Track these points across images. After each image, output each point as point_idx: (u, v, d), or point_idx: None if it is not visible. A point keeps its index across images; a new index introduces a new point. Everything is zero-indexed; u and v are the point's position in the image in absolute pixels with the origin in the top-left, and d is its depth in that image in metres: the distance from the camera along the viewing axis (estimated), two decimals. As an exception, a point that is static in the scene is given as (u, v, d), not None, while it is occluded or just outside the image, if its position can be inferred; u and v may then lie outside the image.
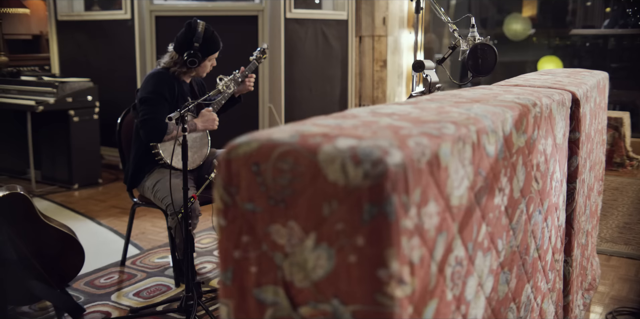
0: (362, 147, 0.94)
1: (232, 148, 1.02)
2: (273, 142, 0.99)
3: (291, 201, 0.98)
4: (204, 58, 2.90)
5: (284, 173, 0.97)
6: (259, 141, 1.00)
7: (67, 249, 2.68)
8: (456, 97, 1.60)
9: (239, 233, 1.03)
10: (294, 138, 1.00)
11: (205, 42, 2.88)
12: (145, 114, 2.79)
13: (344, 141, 0.97)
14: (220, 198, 1.04)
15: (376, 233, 0.92)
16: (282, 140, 0.99)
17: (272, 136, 1.01)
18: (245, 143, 1.01)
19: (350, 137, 0.99)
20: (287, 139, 0.99)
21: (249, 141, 1.01)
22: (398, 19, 6.54)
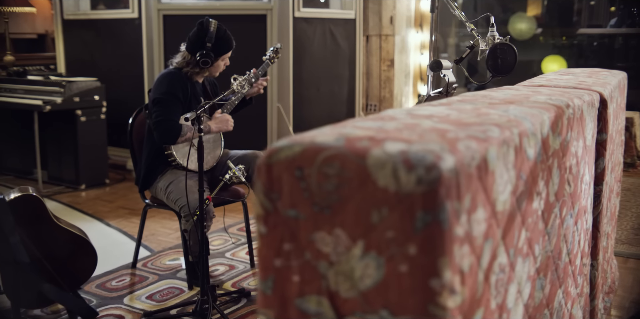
0: (413, 151, 0.90)
1: (273, 153, 0.98)
2: (317, 146, 0.95)
3: (337, 207, 0.94)
4: (216, 58, 2.86)
5: (330, 178, 0.93)
6: (302, 145, 0.96)
7: (80, 251, 2.64)
8: (488, 98, 1.56)
9: (280, 241, 0.99)
10: (339, 141, 0.95)
11: (218, 42, 2.83)
12: (158, 115, 2.75)
13: (393, 145, 0.93)
14: (260, 205, 1.00)
15: (429, 241, 0.88)
16: (326, 143, 0.95)
17: (315, 139, 0.97)
18: (287, 147, 0.97)
19: (398, 141, 0.95)
20: (332, 143, 0.95)
21: (291, 145, 0.97)
22: (405, 18, 6.50)
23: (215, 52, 2.83)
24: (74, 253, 2.62)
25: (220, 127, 2.87)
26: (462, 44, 7.65)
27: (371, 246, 0.92)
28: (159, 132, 2.75)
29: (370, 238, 0.92)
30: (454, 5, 2.80)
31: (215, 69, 2.93)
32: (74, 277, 2.64)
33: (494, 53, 2.46)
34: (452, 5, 2.79)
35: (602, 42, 7.61)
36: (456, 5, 2.79)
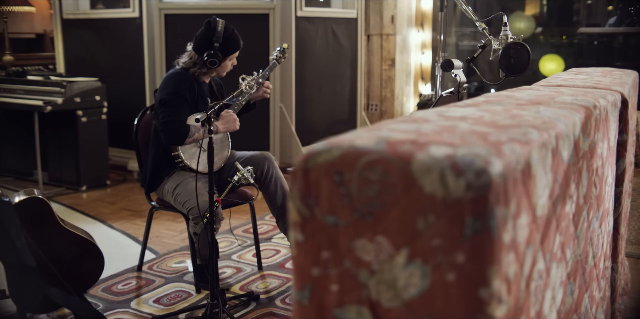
0: (460, 155, 0.87)
1: (310, 157, 0.94)
2: (358, 150, 0.91)
3: (380, 214, 0.90)
4: (224, 58, 2.81)
5: (372, 183, 0.90)
6: (341, 148, 0.93)
7: (86, 255, 2.59)
8: (513, 99, 1.53)
9: (318, 249, 0.95)
10: (380, 145, 0.92)
11: (226, 41, 2.79)
12: (165, 116, 2.71)
13: (438, 149, 0.89)
14: (297, 211, 0.96)
15: (479, 249, 0.85)
16: (367, 147, 0.91)
17: (354, 143, 0.93)
18: (325, 150, 0.93)
19: (442, 144, 0.91)
20: (373, 146, 0.91)
21: (330, 148, 0.93)
22: (406, 17, 6.47)
23: (223, 51, 2.79)
24: (81, 256, 2.58)
25: (227, 127, 2.83)
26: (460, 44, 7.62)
27: (416, 254, 0.88)
28: (166, 133, 2.70)
29: (415, 246, 0.88)
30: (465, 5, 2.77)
31: (223, 69, 2.89)
32: (80, 281, 2.60)
33: (507, 52, 2.43)
34: (463, 5, 2.75)
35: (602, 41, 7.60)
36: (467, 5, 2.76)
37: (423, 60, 6.76)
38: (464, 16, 7.68)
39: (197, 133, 2.74)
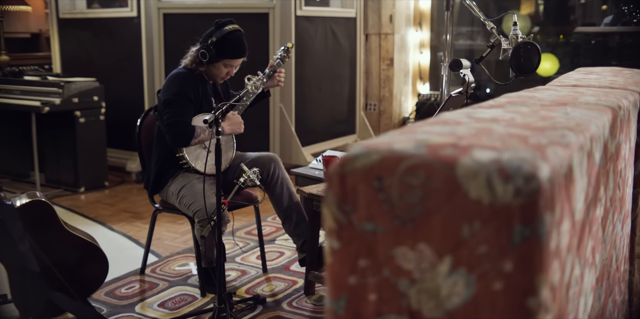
0: (506, 159, 0.83)
1: (347, 161, 0.91)
2: (398, 154, 0.88)
3: (422, 221, 0.86)
4: (218, 58, 2.73)
5: (414, 189, 0.86)
6: (380, 152, 0.89)
7: (90, 259, 2.55)
8: (535, 99, 1.50)
9: (355, 257, 0.92)
10: (420, 149, 0.88)
11: (225, 42, 2.71)
12: (170, 117, 2.66)
13: (482, 153, 0.86)
14: (332, 217, 0.92)
15: (527, 257, 0.82)
16: (408, 151, 0.88)
17: (393, 147, 0.90)
18: (362, 155, 0.90)
19: (484, 148, 0.88)
20: (413, 150, 0.88)
21: (368, 152, 0.90)
22: (405, 16, 6.44)
23: (218, 49, 2.71)
24: (85, 260, 2.54)
25: (233, 129, 2.79)
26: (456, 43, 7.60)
27: (460, 262, 0.85)
28: (171, 134, 2.66)
29: (459, 254, 0.85)
30: (472, 4, 2.74)
31: (215, 71, 2.79)
32: (84, 285, 2.56)
33: (517, 52, 2.40)
34: (470, 4, 2.72)
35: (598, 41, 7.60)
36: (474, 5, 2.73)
37: (421, 59, 6.74)
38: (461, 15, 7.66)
39: (203, 134, 2.70)
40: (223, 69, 2.79)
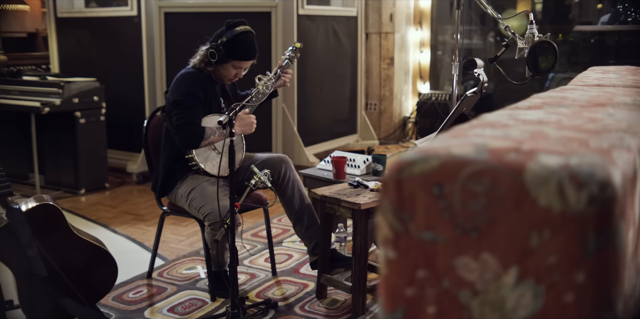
0: (576, 165, 0.79)
1: (404, 167, 0.86)
2: (459, 160, 0.83)
3: (486, 229, 0.82)
4: (227, 59, 2.68)
5: (477, 196, 0.82)
6: (439, 158, 0.85)
7: (99, 263, 2.49)
8: (570, 100, 1.46)
9: (413, 267, 0.87)
10: (482, 154, 0.84)
11: (235, 42, 2.66)
12: (180, 119, 2.61)
13: (549, 158, 0.81)
14: (388, 226, 0.88)
15: (602, 267, 0.77)
16: (469, 157, 0.83)
17: (452, 152, 0.85)
18: (421, 160, 0.85)
19: (550, 153, 0.84)
20: (474, 156, 0.84)
21: (426, 158, 0.85)
22: (405, 15, 6.41)
23: (228, 50, 2.66)
24: (94, 265, 2.48)
25: (244, 130, 2.74)
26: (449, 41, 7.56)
27: (527, 273, 0.81)
28: (181, 136, 2.61)
29: (526, 264, 0.81)
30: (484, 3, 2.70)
31: (223, 71, 2.73)
32: (93, 290, 2.50)
33: (534, 51, 2.36)
34: (482, 3, 2.69)
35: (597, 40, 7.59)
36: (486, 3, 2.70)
37: (422, 58, 6.70)
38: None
39: (213, 136, 2.65)
40: (232, 70, 2.73)
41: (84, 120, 4.40)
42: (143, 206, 4.27)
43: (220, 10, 4.50)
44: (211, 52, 2.65)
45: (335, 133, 5.56)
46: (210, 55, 2.66)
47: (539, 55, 2.38)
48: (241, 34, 2.67)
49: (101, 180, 4.61)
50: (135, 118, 4.83)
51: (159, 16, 4.47)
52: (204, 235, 2.71)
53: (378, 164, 3.14)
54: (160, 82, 4.57)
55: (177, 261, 3.22)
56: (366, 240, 2.55)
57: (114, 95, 4.72)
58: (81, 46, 5.08)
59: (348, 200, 2.51)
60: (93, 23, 4.97)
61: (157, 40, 4.51)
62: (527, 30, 2.45)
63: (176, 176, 2.74)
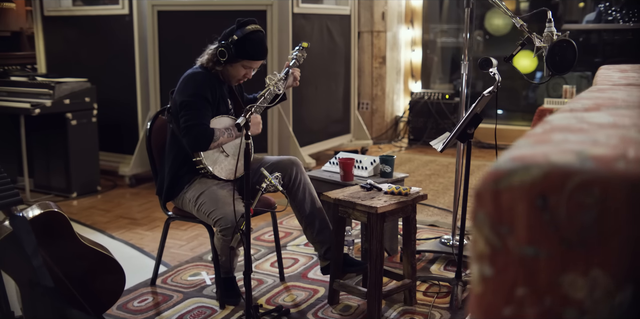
0: (696, 173, 0.73)
1: (501, 176, 0.79)
2: (564, 169, 0.77)
3: (597, 243, 0.76)
4: (237, 59, 2.60)
5: (587, 208, 0.75)
6: (542, 167, 0.78)
7: (107, 272, 2.40)
8: (618, 100, 1.41)
9: (512, 285, 0.80)
10: (587, 162, 0.77)
11: (246, 41, 2.57)
12: (188, 120, 2.52)
13: (664, 166, 0.75)
14: (484, 241, 0.81)
15: None
16: (574, 165, 0.77)
17: (553, 160, 0.79)
18: (520, 169, 0.79)
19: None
20: (579, 164, 0.77)
21: (526, 167, 0.78)
22: (397, 14, 6.36)
23: (238, 49, 2.58)
24: (101, 274, 2.38)
25: (252, 130, 2.65)
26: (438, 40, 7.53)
27: (645, 291, 0.75)
28: (190, 138, 2.52)
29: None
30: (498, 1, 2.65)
31: (233, 72, 2.64)
32: (100, 300, 2.40)
33: (554, 50, 2.32)
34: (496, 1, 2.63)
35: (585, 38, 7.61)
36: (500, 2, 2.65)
37: (413, 57, 6.66)
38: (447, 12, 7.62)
39: (222, 137, 2.56)
40: (241, 70, 2.65)
41: (76, 122, 4.27)
42: (138, 210, 4.16)
43: (216, 9, 4.40)
44: (221, 51, 2.56)
45: (330, 133, 5.49)
46: (219, 54, 2.57)
47: (557, 54, 2.33)
48: (252, 33, 2.58)
49: (93, 183, 4.48)
50: (126, 119, 4.72)
51: (151, 14, 4.36)
52: (212, 240, 2.62)
53: (386, 165, 3.08)
54: (153, 82, 4.46)
55: (180, 268, 3.12)
56: (381, 244, 2.49)
57: (104, 96, 4.59)
58: (69, 45, 4.94)
59: (364, 204, 2.45)
60: (82, 22, 4.84)
61: (150, 39, 4.40)
62: (546, 28, 2.40)
63: (183, 180, 2.65)
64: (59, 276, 2.27)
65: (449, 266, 3.13)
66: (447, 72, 7.77)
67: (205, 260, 3.22)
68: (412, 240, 2.63)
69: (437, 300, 2.74)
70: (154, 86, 4.45)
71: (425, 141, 6.20)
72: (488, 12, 8.14)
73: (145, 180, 4.81)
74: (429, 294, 2.81)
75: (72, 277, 2.30)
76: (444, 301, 2.73)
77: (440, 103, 6.13)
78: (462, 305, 2.67)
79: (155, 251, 3.39)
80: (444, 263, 3.16)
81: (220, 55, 2.58)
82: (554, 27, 2.47)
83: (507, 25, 8.15)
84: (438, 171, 5.17)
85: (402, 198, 2.53)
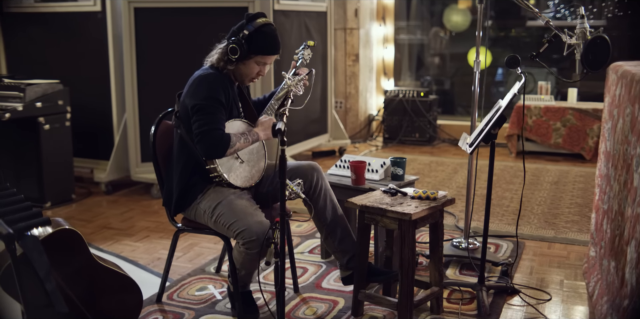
0: None
1: None
2: None
3: None
4: (249, 55, 2.43)
5: None
6: None
7: (124, 293, 2.20)
8: None
9: None
10: None
11: (258, 35, 2.40)
12: (202, 125, 2.33)
13: None
14: None
15: None
16: None
17: None
18: None
19: None
20: None
21: None
22: (369, 10, 6.25)
23: (250, 44, 2.40)
24: (118, 294, 2.18)
25: (267, 134, 2.50)
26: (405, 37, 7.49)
27: None
28: (205, 145, 2.33)
29: None
30: None
31: (246, 70, 2.47)
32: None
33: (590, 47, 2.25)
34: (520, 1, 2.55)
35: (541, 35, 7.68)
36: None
37: (385, 54, 6.58)
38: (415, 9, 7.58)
39: (239, 143, 2.39)
40: (255, 68, 2.48)
41: (49, 126, 3.98)
42: (120, 219, 3.91)
43: (197, 6, 4.19)
44: (232, 48, 2.38)
45: (308, 133, 5.35)
46: (230, 52, 2.39)
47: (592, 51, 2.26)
48: (264, 26, 2.42)
49: (67, 192, 4.20)
50: (100, 123, 4.46)
51: (128, 12, 4.10)
52: (230, 254, 2.44)
53: (398, 168, 2.97)
54: (130, 84, 4.20)
55: (184, 281, 2.92)
56: (414, 252, 2.37)
57: (75, 99, 4.30)
58: (34, 45, 4.62)
59: (395, 210, 2.32)
60: (48, 19, 4.52)
61: (127, 38, 4.14)
62: (578, 25, 2.33)
63: (195, 189, 2.46)
64: (72, 299, 2.06)
65: (464, 270, 3.04)
66: (413, 69, 7.74)
67: (208, 272, 3.03)
68: (440, 246, 2.52)
69: (462, 307, 2.65)
70: (131, 87, 4.20)
71: (401, 139, 6.14)
72: (446, 8, 8.16)
73: (122, 187, 4.55)
74: (453, 301, 2.71)
75: (86, 300, 2.09)
76: (470, 308, 2.64)
77: (416, 101, 6.07)
78: (490, 311, 2.58)
79: (151, 263, 3.19)
80: (457, 267, 3.08)
81: (231, 52, 2.40)
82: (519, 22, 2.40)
83: (466, 21, 8.19)
84: (422, 170, 5.10)
85: (432, 203, 2.42)
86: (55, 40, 4.54)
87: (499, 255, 3.25)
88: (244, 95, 2.62)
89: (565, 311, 2.63)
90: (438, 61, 8.07)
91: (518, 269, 3.06)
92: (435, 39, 8.02)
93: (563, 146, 5.45)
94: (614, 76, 2.64)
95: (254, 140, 2.46)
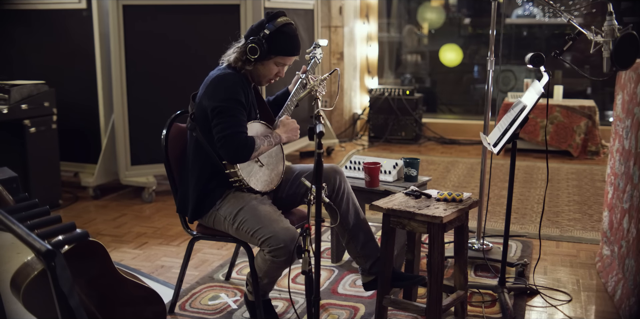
0: None
1: None
2: None
3: None
4: (269, 55, 2.34)
5: None
6: None
7: (147, 305, 2.07)
8: None
9: None
10: None
11: (279, 35, 2.32)
12: (225, 129, 2.22)
13: None
14: None
15: None
16: None
17: None
18: None
19: None
20: None
21: None
22: (353, 8, 6.18)
23: (271, 44, 2.31)
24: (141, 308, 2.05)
25: (289, 137, 2.41)
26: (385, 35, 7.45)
27: None
28: (229, 149, 2.22)
29: None
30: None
31: (264, 71, 2.38)
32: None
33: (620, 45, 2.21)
34: None
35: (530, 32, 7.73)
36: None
37: (369, 52, 6.52)
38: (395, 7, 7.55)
39: (263, 146, 2.29)
40: (273, 68, 2.38)
41: (35, 129, 3.80)
42: (113, 225, 3.76)
43: (187, 3, 4.05)
44: (251, 48, 2.28)
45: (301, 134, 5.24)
46: (250, 51, 2.29)
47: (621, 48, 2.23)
48: (285, 26, 2.32)
49: (55, 197, 4.02)
50: (87, 125, 4.28)
51: (116, 9, 3.94)
52: (253, 262, 2.34)
53: (412, 169, 2.91)
54: (119, 84, 4.04)
55: (194, 291, 2.81)
56: (443, 256, 2.31)
57: (60, 100, 4.11)
58: (13, 44, 4.41)
59: (424, 213, 2.25)
60: (29, 16, 4.32)
61: (115, 36, 3.98)
62: (606, 22, 2.29)
63: (214, 195, 2.35)
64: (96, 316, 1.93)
65: (479, 271, 3.00)
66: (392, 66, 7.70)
67: (217, 279, 2.92)
68: (465, 249, 2.47)
69: (485, 310, 2.60)
70: (120, 88, 4.04)
71: (387, 138, 6.09)
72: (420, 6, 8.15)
73: (111, 191, 4.39)
74: (474, 304, 2.66)
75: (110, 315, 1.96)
76: (493, 311, 2.59)
77: (402, 100, 6.03)
78: (514, 314, 2.54)
79: (155, 272, 3.07)
80: (471, 268, 3.03)
81: (250, 52, 2.30)
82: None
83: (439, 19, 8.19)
84: (414, 169, 5.05)
85: (459, 205, 2.36)
86: (36, 38, 4.34)
87: (510, 255, 3.22)
88: (260, 96, 2.52)
89: (587, 312, 2.61)
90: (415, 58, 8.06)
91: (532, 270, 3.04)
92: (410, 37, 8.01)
93: (550, 143, 5.48)
94: (631, 73, 2.62)
95: (277, 142, 2.37)
